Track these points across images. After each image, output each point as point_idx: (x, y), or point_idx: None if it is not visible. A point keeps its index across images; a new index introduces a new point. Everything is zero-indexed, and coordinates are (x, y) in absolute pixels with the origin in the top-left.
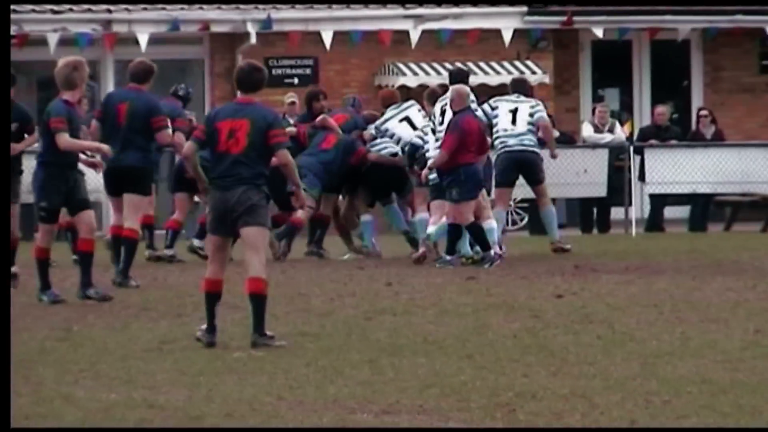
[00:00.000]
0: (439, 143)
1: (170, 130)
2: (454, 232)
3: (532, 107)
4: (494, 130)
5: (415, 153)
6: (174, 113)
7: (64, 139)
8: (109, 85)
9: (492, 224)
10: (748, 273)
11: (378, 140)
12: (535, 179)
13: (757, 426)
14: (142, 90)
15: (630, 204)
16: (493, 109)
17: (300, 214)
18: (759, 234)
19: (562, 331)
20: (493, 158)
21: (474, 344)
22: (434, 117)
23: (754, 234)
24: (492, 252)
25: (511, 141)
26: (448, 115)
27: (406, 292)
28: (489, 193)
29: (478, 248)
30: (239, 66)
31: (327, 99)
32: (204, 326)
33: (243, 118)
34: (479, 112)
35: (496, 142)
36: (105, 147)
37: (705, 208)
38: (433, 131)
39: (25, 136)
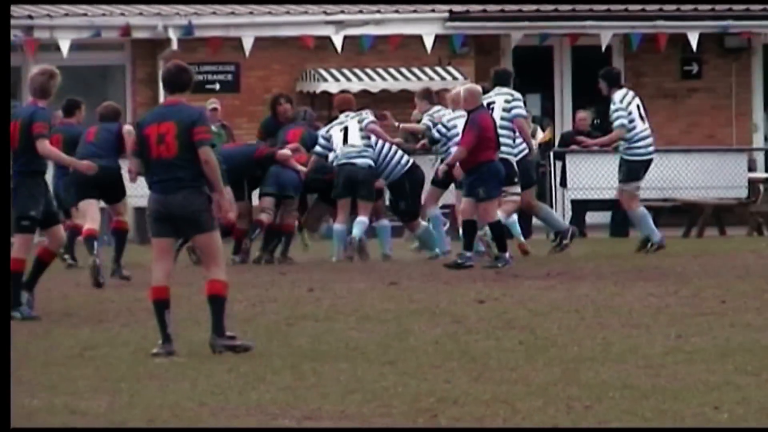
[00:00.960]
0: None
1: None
2: (470, 228)
3: (508, 102)
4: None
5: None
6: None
7: (45, 145)
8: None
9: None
10: (669, 278)
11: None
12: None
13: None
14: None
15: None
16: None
17: (263, 218)
18: (680, 239)
19: (483, 336)
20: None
21: (396, 350)
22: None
23: (676, 239)
24: (507, 254)
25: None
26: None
27: (327, 298)
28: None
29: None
30: (166, 67)
31: (291, 103)
32: (159, 341)
33: (169, 120)
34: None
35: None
36: (84, 164)
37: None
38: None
39: None
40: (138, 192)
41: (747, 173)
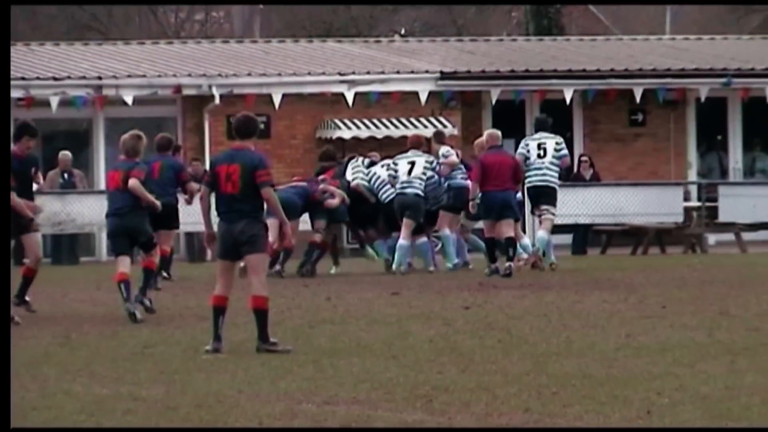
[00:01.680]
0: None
1: None
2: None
3: (558, 144)
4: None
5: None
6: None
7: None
8: (100, 137)
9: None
10: (620, 288)
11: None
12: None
13: (629, 412)
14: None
15: (524, 233)
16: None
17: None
18: (629, 257)
19: (469, 336)
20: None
21: (398, 347)
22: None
23: (625, 257)
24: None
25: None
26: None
27: (342, 306)
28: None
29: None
30: (237, 116)
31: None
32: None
33: (236, 163)
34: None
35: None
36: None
37: (585, 236)
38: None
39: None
40: (189, 219)
41: (683, 202)
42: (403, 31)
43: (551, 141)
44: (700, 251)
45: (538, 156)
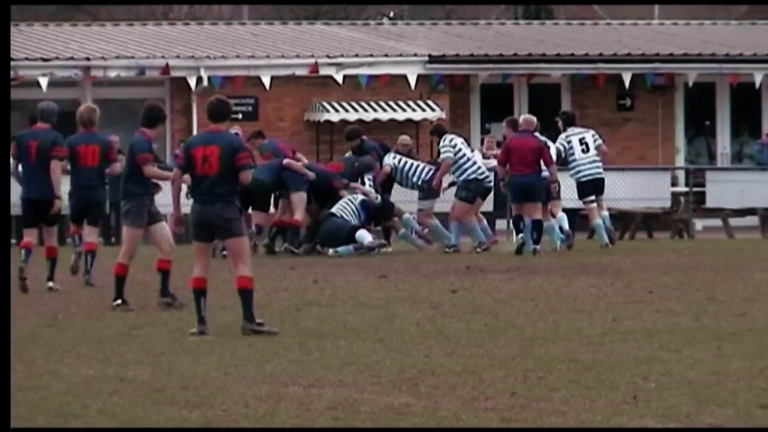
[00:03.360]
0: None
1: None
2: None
3: (594, 136)
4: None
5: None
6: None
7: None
8: None
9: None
10: (607, 273)
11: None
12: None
13: (615, 397)
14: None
15: (510, 216)
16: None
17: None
18: (617, 241)
19: (455, 319)
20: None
21: (384, 331)
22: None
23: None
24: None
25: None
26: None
27: (329, 288)
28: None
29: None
30: (210, 100)
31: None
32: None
33: (213, 145)
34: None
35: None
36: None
37: (572, 221)
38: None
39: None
40: (162, 201)
41: (670, 188)
42: (391, 14)
43: (588, 134)
44: (687, 236)
45: (582, 151)
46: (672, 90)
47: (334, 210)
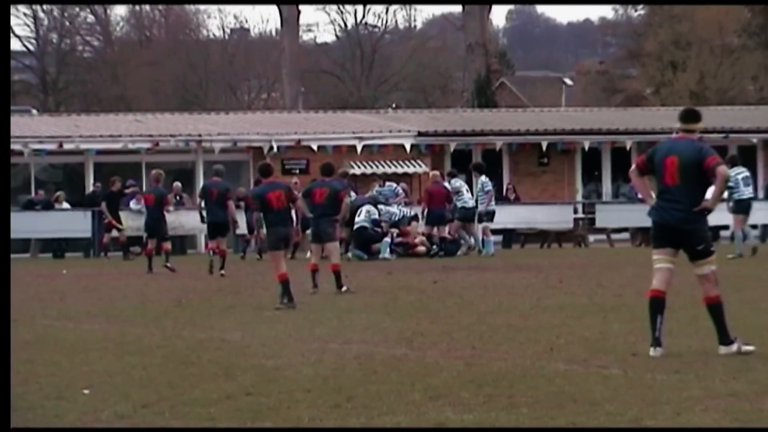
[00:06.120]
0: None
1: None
2: None
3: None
4: None
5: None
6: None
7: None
8: (199, 174)
9: None
10: (532, 269)
11: None
12: None
13: (538, 348)
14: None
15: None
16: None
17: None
18: (538, 249)
19: (435, 300)
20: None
21: (391, 307)
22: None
23: (536, 249)
24: None
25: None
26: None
27: (355, 280)
28: None
29: None
30: (259, 164)
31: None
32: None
33: (278, 190)
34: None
35: None
36: None
37: (510, 237)
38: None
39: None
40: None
41: (573, 214)
42: (394, 106)
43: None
44: (583, 246)
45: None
46: (574, 153)
47: (363, 223)
